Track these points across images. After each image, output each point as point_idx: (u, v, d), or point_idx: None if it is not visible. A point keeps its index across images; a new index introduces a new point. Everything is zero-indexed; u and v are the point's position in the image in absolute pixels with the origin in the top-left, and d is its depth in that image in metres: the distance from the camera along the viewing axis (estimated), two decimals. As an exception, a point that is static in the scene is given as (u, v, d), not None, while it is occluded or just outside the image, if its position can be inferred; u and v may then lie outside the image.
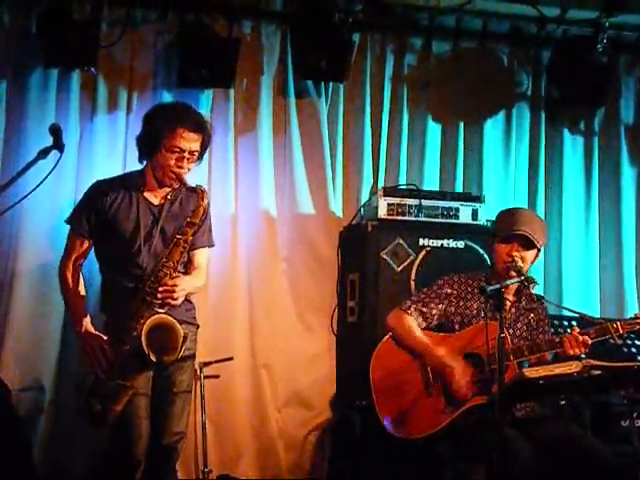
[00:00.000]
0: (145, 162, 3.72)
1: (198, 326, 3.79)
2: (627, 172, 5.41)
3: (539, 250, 3.99)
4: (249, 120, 4.98)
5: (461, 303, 3.98)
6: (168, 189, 3.69)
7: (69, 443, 4.59)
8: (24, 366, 4.58)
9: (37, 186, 3.18)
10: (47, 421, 4.59)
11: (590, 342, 3.73)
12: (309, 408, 4.99)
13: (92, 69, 4.68)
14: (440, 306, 3.98)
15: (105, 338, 3.54)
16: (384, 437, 3.97)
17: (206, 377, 4.60)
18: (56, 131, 3.18)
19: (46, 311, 4.59)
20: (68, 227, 3.75)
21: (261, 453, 4.90)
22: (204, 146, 3.67)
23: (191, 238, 3.60)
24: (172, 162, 3.59)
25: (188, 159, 3.61)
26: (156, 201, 3.69)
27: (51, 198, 4.59)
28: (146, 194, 3.68)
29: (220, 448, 4.83)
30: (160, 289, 3.50)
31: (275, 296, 4.99)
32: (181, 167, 3.60)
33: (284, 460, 4.92)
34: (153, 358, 3.45)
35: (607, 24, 4.89)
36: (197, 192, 3.60)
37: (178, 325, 3.52)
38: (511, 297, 3.98)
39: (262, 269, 4.97)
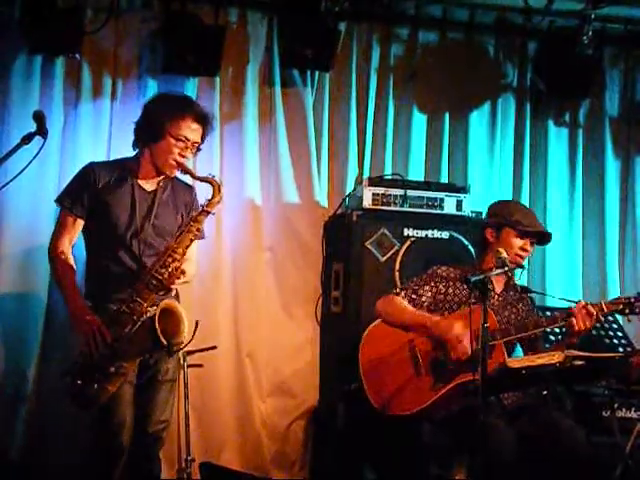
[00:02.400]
0: (139, 149, 3.71)
1: (178, 298, 3.78)
2: (611, 164, 5.43)
3: None
4: (234, 109, 4.97)
5: (450, 291, 4.01)
6: (160, 177, 3.68)
7: (52, 432, 4.56)
8: (6, 355, 4.55)
9: (20, 172, 3.17)
10: (29, 410, 4.56)
11: (594, 313, 3.73)
12: (293, 397, 4.99)
13: (76, 56, 4.65)
14: (429, 294, 4.00)
15: (100, 321, 3.50)
16: (368, 426, 3.99)
17: (190, 366, 4.58)
18: (39, 117, 3.16)
19: (29, 299, 4.56)
20: (58, 208, 3.72)
21: (245, 442, 4.91)
22: (203, 138, 3.70)
23: (202, 226, 3.63)
24: (176, 150, 3.60)
25: (190, 149, 3.63)
26: (149, 187, 3.69)
27: (35, 185, 4.56)
28: (140, 180, 3.68)
29: (203, 437, 4.83)
30: (170, 274, 3.49)
31: (259, 285, 4.99)
32: (184, 156, 3.62)
33: (268, 449, 4.92)
34: (164, 341, 3.44)
35: (593, 16, 4.90)
36: (212, 183, 3.61)
37: (184, 312, 3.53)
38: (499, 290, 4.02)
39: (246, 258, 4.96)
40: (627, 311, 3.78)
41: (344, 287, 4.79)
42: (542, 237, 4.07)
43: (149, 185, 3.70)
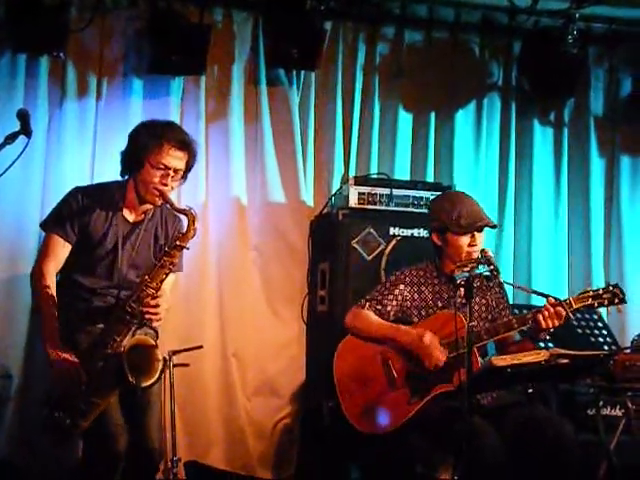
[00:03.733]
0: (127, 177, 3.67)
1: (157, 333, 3.73)
2: (596, 162, 5.45)
3: None
4: (220, 108, 4.96)
5: (416, 296, 3.97)
6: (147, 206, 3.64)
7: (37, 431, 4.53)
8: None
9: (4, 172, 3.15)
10: (15, 409, 4.55)
11: (564, 314, 3.68)
12: (279, 397, 4.99)
13: (61, 54, 4.63)
14: (394, 302, 3.97)
15: (77, 360, 3.44)
16: (354, 427, 3.98)
17: (175, 365, 4.57)
18: (24, 116, 3.15)
19: (14, 297, 4.54)
20: (43, 232, 3.67)
21: (230, 442, 4.90)
22: (189, 166, 3.64)
23: (177, 261, 3.56)
24: (156, 179, 3.55)
25: (172, 177, 3.57)
26: (131, 218, 3.65)
27: (19, 184, 4.54)
28: (124, 211, 3.64)
29: (189, 437, 4.82)
30: (144, 309, 3.45)
31: (245, 285, 4.98)
32: (165, 184, 3.56)
33: (253, 448, 4.92)
34: (132, 380, 3.38)
35: (577, 15, 4.92)
36: (187, 215, 3.55)
37: (158, 349, 3.49)
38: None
39: (232, 258, 4.96)
40: (596, 304, 3.74)
41: (330, 286, 4.79)
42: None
43: (132, 215, 3.65)
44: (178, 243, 3.53)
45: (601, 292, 3.73)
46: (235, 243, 4.96)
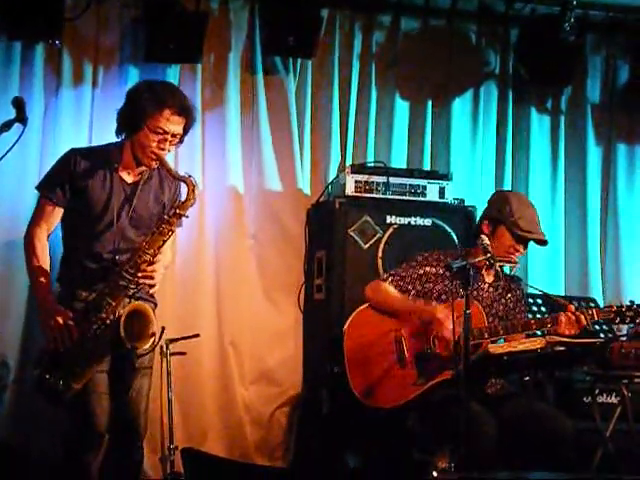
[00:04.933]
0: (123, 137, 3.64)
1: (156, 304, 3.73)
2: (593, 150, 5.45)
3: None
4: (216, 96, 4.95)
5: (439, 279, 3.98)
6: (143, 167, 3.62)
7: (34, 420, 4.55)
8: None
9: (0, 159, 3.14)
10: (11, 398, 4.55)
11: (583, 323, 3.71)
12: (276, 385, 5.00)
13: (57, 42, 4.61)
14: (417, 282, 3.98)
15: (70, 315, 3.46)
16: (351, 414, 3.99)
17: (172, 354, 4.58)
18: (19, 104, 3.15)
19: (10, 286, 4.54)
20: (37, 194, 3.65)
21: (228, 430, 4.91)
22: (186, 130, 3.61)
23: (175, 228, 3.54)
24: (154, 143, 3.52)
25: (170, 141, 3.55)
26: (130, 179, 3.62)
27: (15, 171, 4.53)
28: (121, 172, 3.61)
29: (186, 425, 4.82)
30: (140, 275, 3.44)
31: (242, 273, 4.98)
32: (163, 149, 3.54)
33: (251, 437, 4.93)
34: (128, 345, 3.39)
35: (574, 2, 4.91)
36: (187, 183, 3.52)
37: (154, 316, 3.49)
38: (490, 278, 4.00)
39: (229, 246, 4.95)
40: (617, 320, 3.77)
41: (327, 274, 4.79)
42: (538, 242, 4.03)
43: (130, 176, 3.63)
44: (178, 211, 3.51)
45: (624, 309, 3.77)
46: (232, 231, 4.96)
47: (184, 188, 3.56)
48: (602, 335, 4.66)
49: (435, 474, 3.29)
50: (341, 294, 4.64)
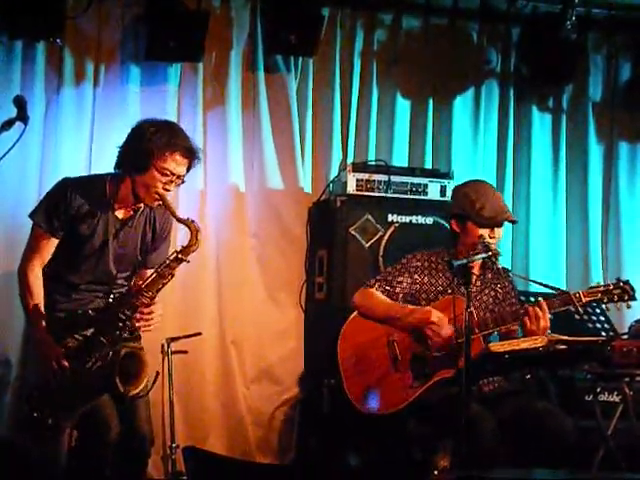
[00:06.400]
0: (121, 173, 3.55)
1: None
2: (594, 149, 5.45)
3: None
4: (218, 95, 4.95)
5: (426, 279, 3.97)
6: (139, 204, 3.56)
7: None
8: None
9: (1, 158, 3.13)
10: (13, 396, 4.55)
11: (548, 313, 3.70)
12: (277, 384, 5.00)
13: (58, 41, 4.60)
14: (404, 285, 3.96)
15: (63, 351, 3.39)
16: (353, 413, 3.99)
17: (174, 352, 4.58)
18: (20, 103, 3.13)
19: (12, 284, 4.51)
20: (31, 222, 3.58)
21: (229, 429, 4.91)
22: (189, 170, 3.57)
23: (175, 272, 3.49)
24: (160, 184, 3.46)
25: (174, 182, 3.52)
26: (121, 214, 3.56)
27: (16, 170, 4.53)
28: (114, 207, 3.54)
29: (188, 424, 4.83)
30: (137, 317, 3.41)
31: (244, 272, 4.98)
32: (168, 190, 3.49)
33: (252, 436, 4.93)
34: (121, 389, 3.33)
35: (576, 0, 4.90)
36: (190, 228, 3.47)
37: (148, 360, 3.44)
38: (477, 270, 3.99)
39: (231, 245, 4.95)
40: (606, 299, 3.76)
41: (328, 273, 4.80)
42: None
43: (122, 212, 3.56)
44: (180, 256, 3.47)
45: (611, 287, 3.75)
46: (233, 230, 4.96)
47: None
48: (604, 334, 4.66)
49: (435, 473, 3.29)
50: (342, 293, 4.63)
